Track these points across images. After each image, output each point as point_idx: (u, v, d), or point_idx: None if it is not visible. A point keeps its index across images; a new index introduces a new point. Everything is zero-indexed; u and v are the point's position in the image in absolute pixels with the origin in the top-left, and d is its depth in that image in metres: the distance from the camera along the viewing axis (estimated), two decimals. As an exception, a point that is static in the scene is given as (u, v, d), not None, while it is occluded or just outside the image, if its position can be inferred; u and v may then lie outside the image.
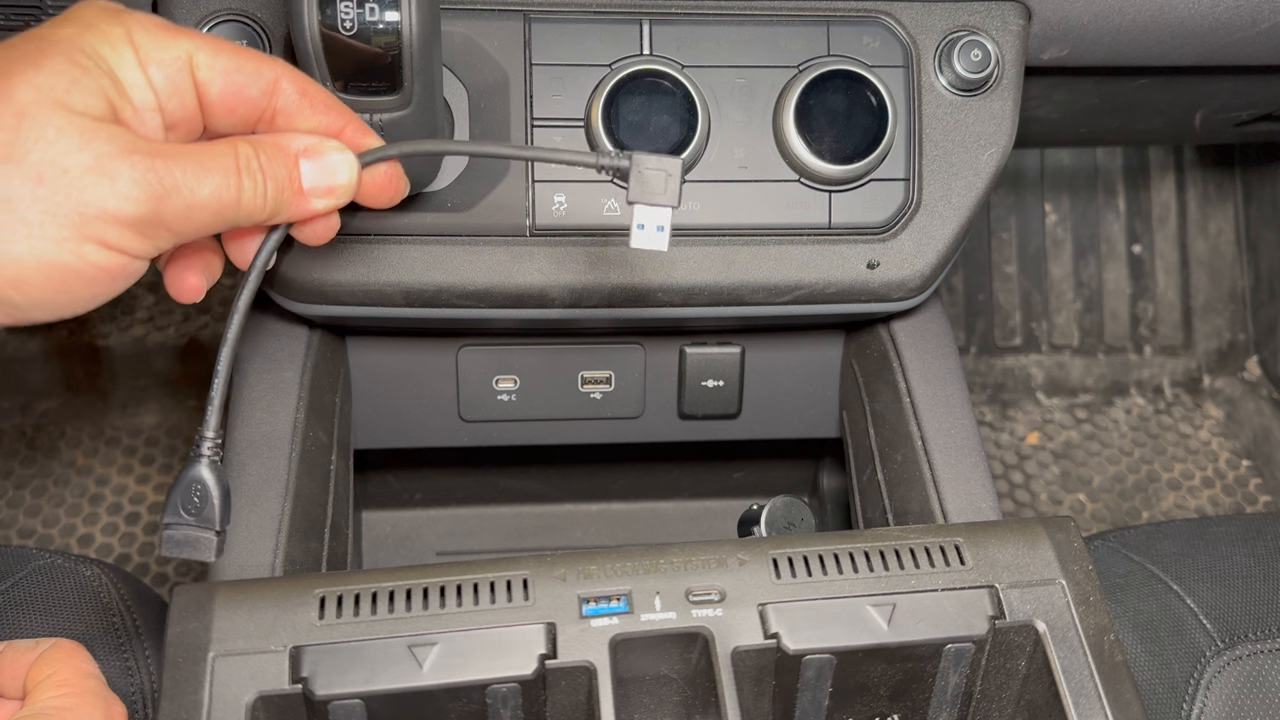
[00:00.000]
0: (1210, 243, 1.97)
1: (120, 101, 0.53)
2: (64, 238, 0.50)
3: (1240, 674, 0.84)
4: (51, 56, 0.51)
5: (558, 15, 0.83)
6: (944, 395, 0.94)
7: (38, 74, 0.51)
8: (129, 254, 0.53)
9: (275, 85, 0.59)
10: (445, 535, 1.33)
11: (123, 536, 1.64)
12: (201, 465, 0.61)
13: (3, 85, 0.50)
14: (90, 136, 0.51)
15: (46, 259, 0.51)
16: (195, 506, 0.61)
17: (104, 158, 0.51)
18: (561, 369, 1.04)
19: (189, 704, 0.60)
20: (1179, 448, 1.86)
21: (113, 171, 0.51)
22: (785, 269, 0.86)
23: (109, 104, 0.53)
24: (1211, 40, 0.92)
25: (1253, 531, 0.95)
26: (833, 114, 0.84)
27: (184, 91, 0.56)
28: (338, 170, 0.60)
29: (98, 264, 0.52)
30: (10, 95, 0.50)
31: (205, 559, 0.61)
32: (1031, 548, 0.68)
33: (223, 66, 0.57)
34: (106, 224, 0.51)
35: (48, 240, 0.50)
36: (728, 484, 1.35)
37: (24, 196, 0.49)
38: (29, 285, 0.51)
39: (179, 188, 0.53)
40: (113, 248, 0.52)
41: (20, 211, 0.49)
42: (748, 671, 0.64)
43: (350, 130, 0.62)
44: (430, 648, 0.61)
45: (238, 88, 0.57)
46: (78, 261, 0.51)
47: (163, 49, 0.55)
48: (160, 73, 0.55)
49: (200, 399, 1.78)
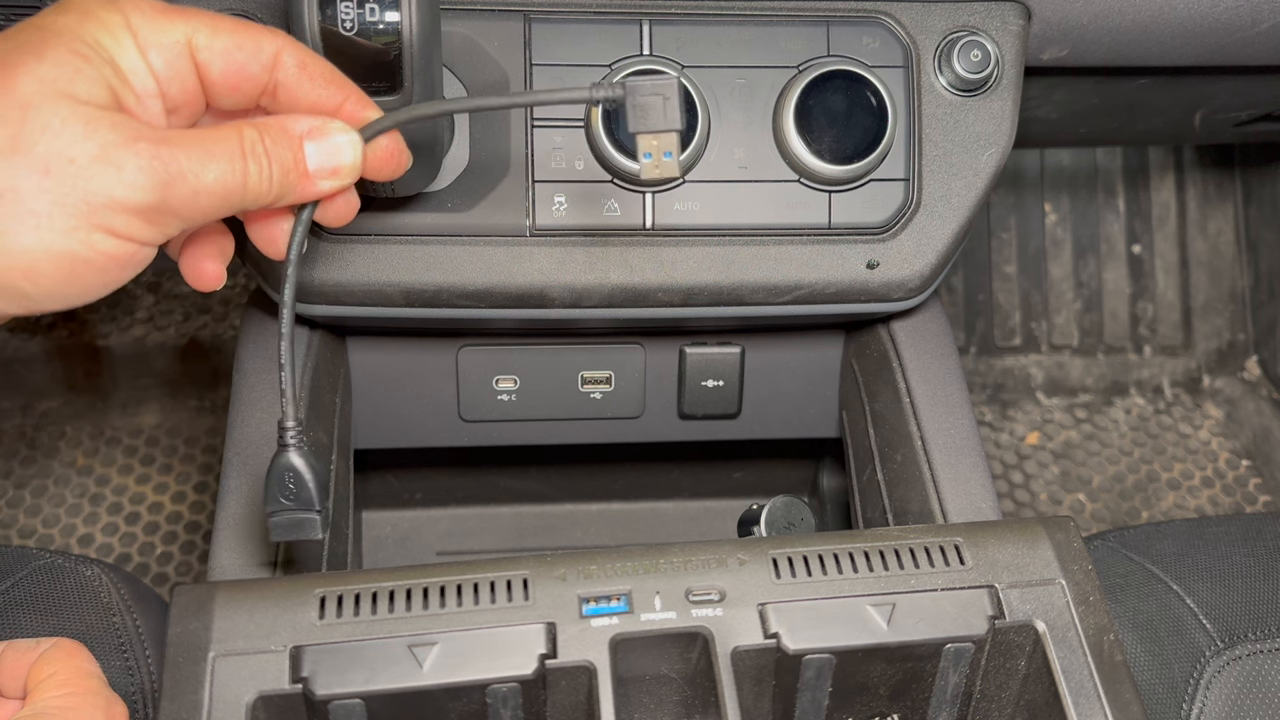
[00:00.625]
0: (1210, 243, 1.97)
1: (123, 89, 0.53)
2: (72, 227, 0.51)
3: (1240, 674, 0.84)
4: (53, 47, 0.52)
5: (558, 15, 0.83)
6: (944, 395, 0.94)
7: (40, 65, 0.51)
8: (137, 241, 0.53)
9: (276, 59, 0.58)
10: (445, 535, 1.33)
11: (123, 536, 1.64)
12: (290, 453, 0.64)
13: (5, 77, 0.50)
14: (95, 126, 0.51)
15: (56, 249, 0.51)
16: (291, 492, 0.64)
17: (109, 146, 0.51)
18: (561, 369, 1.04)
19: (189, 704, 0.60)
20: (1179, 448, 1.87)
21: (119, 160, 0.51)
22: (785, 269, 0.87)
23: (112, 92, 0.53)
24: (1211, 40, 0.92)
25: (1252, 531, 0.95)
26: (832, 114, 0.84)
27: (185, 74, 0.56)
28: (342, 151, 0.60)
29: (107, 252, 0.52)
30: (14, 87, 0.50)
31: (314, 538, 0.65)
32: (1031, 548, 0.68)
33: (222, 46, 0.57)
34: (114, 212, 0.51)
35: (56, 230, 0.50)
36: (728, 484, 1.35)
37: (31, 188, 0.50)
38: (40, 275, 0.51)
39: (184, 174, 0.53)
40: (121, 235, 0.52)
41: (28, 203, 0.50)
42: (748, 671, 0.64)
43: (351, 103, 0.62)
44: (430, 647, 0.61)
45: (239, 66, 0.57)
46: (87, 250, 0.52)
47: (161, 33, 0.55)
48: (160, 57, 0.55)
49: (200, 399, 1.78)
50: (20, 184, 0.49)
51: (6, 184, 0.49)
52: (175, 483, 1.70)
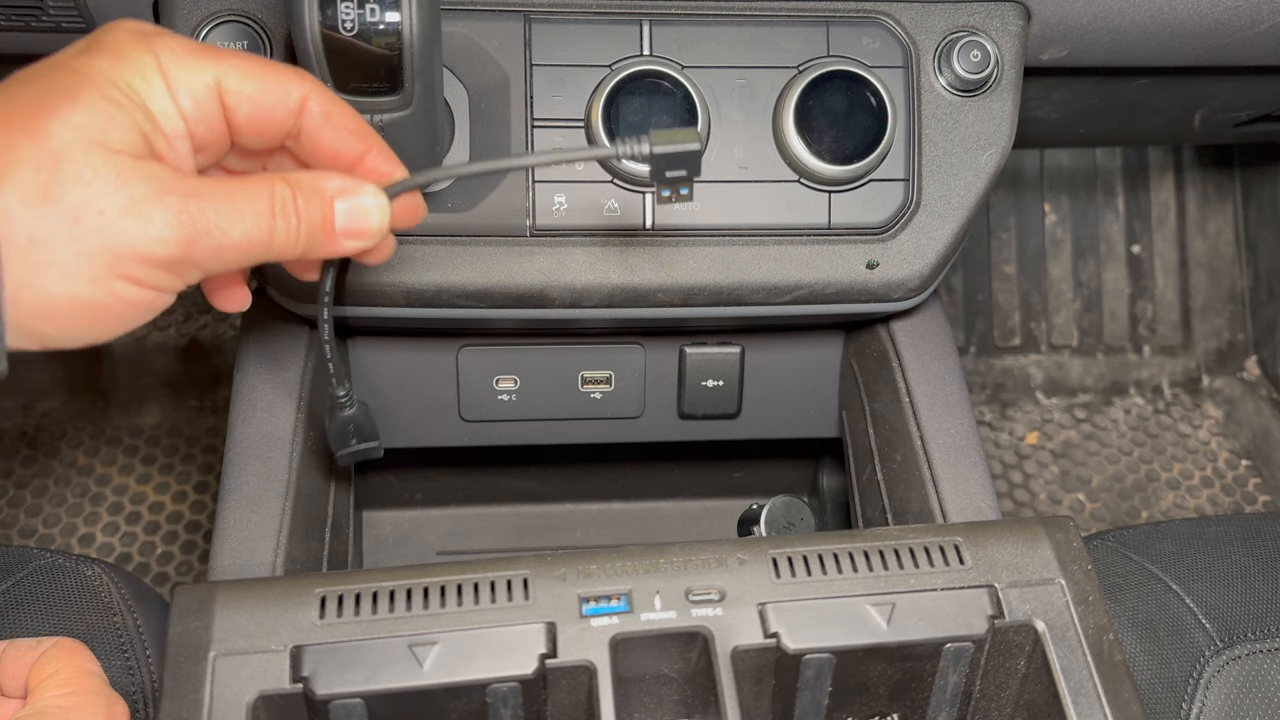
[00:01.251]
0: (1209, 243, 1.97)
1: (154, 134, 0.54)
2: (97, 276, 0.51)
3: (1239, 674, 0.84)
4: (86, 92, 0.52)
5: (558, 16, 0.83)
6: (943, 395, 0.94)
7: (74, 111, 0.51)
8: (158, 289, 0.54)
9: (303, 104, 0.59)
10: (445, 535, 1.33)
11: (123, 536, 1.64)
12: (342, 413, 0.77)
13: (40, 124, 0.50)
14: (126, 176, 0.51)
15: (80, 296, 0.51)
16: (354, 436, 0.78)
17: (139, 198, 0.51)
18: (561, 369, 1.04)
19: (190, 703, 0.60)
20: (1178, 447, 1.87)
21: (147, 212, 0.51)
22: (785, 269, 0.87)
23: (144, 138, 0.53)
24: (1211, 40, 0.92)
25: (1252, 531, 0.95)
26: (832, 114, 0.84)
27: (213, 116, 0.56)
28: (370, 214, 0.60)
29: (129, 300, 0.53)
30: (48, 135, 0.50)
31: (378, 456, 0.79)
32: (1031, 547, 0.69)
33: (250, 91, 0.57)
34: (139, 263, 0.52)
35: (81, 279, 0.51)
36: (728, 484, 1.35)
37: (61, 237, 0.50)
38: (61, 319, 0.52)
39: (211, 230, 0.53)
40: (143, 284, 0.53)
41: (57, 251, 0.50)
42: (747, 671, 0.64)
43: (373, 156, 0.62)
44: (430, 647, 0.61)
45: (265, 110, 0.58)
46: (109, 298, 0.52)
47: (191, 75, 0.55)
48: (189, 99, 0.55)
49: (200, 399, 1.78)
50: (50, 233, 0.50)
51: (36, 232, 0.50)
52: (176, 482, 1.70)
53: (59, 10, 0.80)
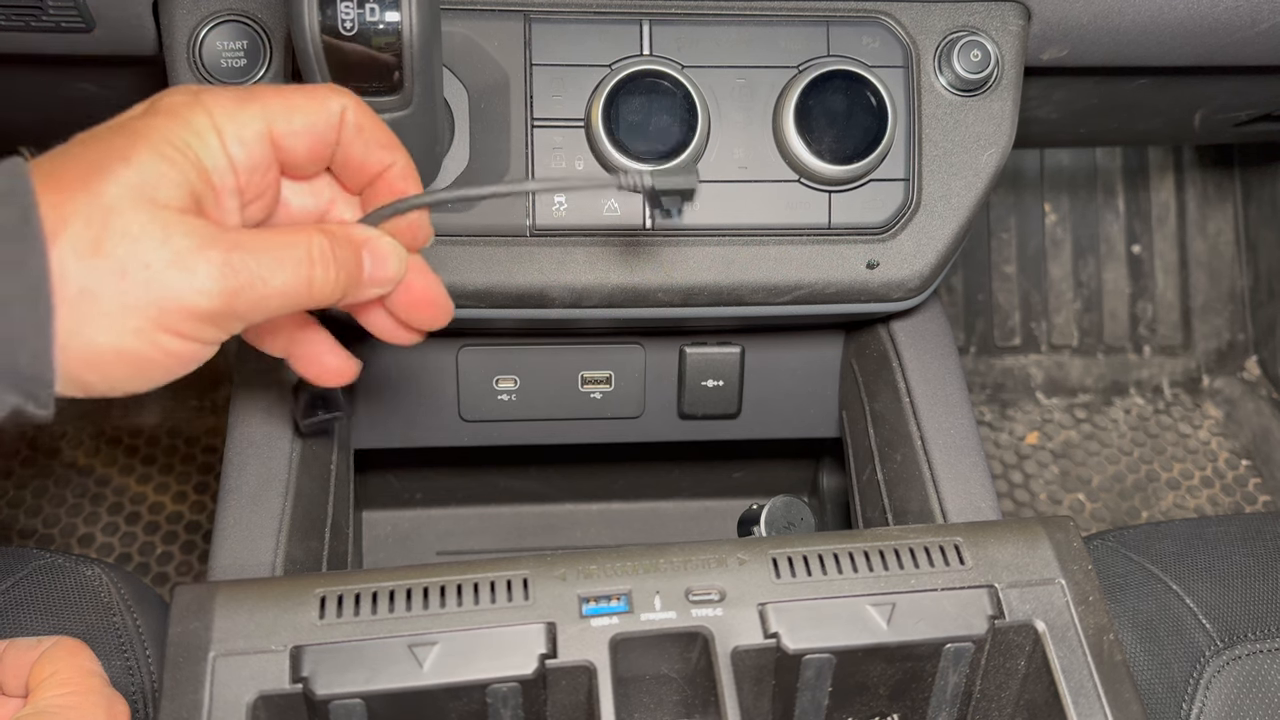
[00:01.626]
0: (1209, 243, 1.97)
1: (203, 190, 0.55)
2: (141, 329, 0.52)
3: (1239, 674, 0.84)
4: (141, 150, 0.53)
5: (558, 15, 0.83)
6: (943, 395, 0.94)
7: (127, 170, 0.52)
8: (201, 342, 0.55)
9: (343, 117, 0.60)
10: (445, 535, 1.33)
11: (123, 536, 1.64)
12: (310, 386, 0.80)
13: (95, 181, 0.52)
14: (171, 231, 0.52)
15: (125, 348, 0.52)
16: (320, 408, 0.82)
17: (183, 252, 0.52)
18: (561, 369, 1.04)
19: (189, 703, 0.60)
20: (1178, 447, 1.87)
21: (191, 266, 0.52)
22: (785, 269, 0.87)
23: (192, 195, 0.54)
24: (1211, 40, 0.92)
25: (1252, 531, 0.95)
26: (832, 114, 0.84)
27: (266, 164, 0.58)
28: (389, 262, 0.62)
29: (172, 352, 0.54)
30: (101, 192, 0.52)
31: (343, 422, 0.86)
32: (1031, 547, 0.69)
33: (299, 126, 0.58)
34: (183, 317, 0.53)
35: (127, 331, 0.52)
36: (728, 484, 1.35)
37: (108, 290, 0.51)
38: (106, 369, 0.53)
39: (253, 282, 0.54)
40: (187, 337, 0.54)
41: (104, 304, 0.51)
42: (747, 671, 0.64)
43: (396, 169, 0.63)
44: (430, 647, 0.61)
45: (319, 138, 0.59)
46: (153, 350, 0.53)
47: (243, 126, 0.56)
48: (241, 150, 0.56)
49: (200, 399, 1.78)
50: (98, 286, 0.51)
51: (86, 284, 0.51)
52: (176, 482, 1.70)
53: (59, 10, 0.80)
